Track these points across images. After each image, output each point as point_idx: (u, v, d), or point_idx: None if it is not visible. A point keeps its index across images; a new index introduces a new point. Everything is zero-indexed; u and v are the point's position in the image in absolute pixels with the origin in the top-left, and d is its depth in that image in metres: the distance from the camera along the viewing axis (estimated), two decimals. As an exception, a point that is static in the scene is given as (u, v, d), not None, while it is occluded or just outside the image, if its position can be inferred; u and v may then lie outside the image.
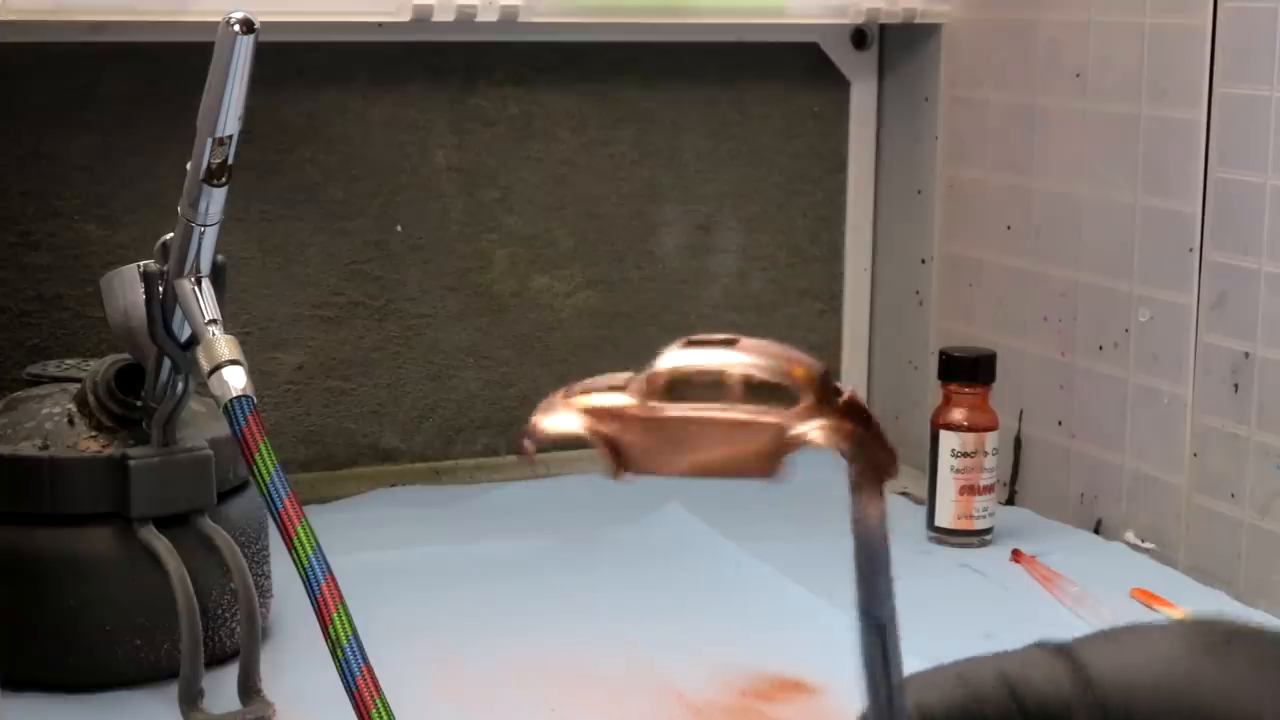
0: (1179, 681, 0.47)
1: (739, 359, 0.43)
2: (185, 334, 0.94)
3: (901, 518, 1.32)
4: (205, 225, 0.92)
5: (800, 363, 0.42)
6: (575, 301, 1.44)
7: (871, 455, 0.43)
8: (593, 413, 0.44)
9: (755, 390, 0.44)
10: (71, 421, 0.99)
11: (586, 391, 0.44)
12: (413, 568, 1.16)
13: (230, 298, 0.96)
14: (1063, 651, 0.49)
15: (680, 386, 0.44)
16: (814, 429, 0.42)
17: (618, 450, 0.44)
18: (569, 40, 1.40)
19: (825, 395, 0.42)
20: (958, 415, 1.24)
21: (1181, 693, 0.47)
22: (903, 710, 0.47)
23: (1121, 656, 0.48)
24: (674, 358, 0.43)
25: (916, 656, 1.13)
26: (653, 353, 0.47)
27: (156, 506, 0.97)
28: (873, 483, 0.44)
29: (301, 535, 0.82)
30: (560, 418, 0.44)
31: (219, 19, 0.87)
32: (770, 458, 0.43)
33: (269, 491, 0.84)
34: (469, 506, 1.32)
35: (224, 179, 0.90)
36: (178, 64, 1.24)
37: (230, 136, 0.89)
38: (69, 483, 0.97)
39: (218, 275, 0.94)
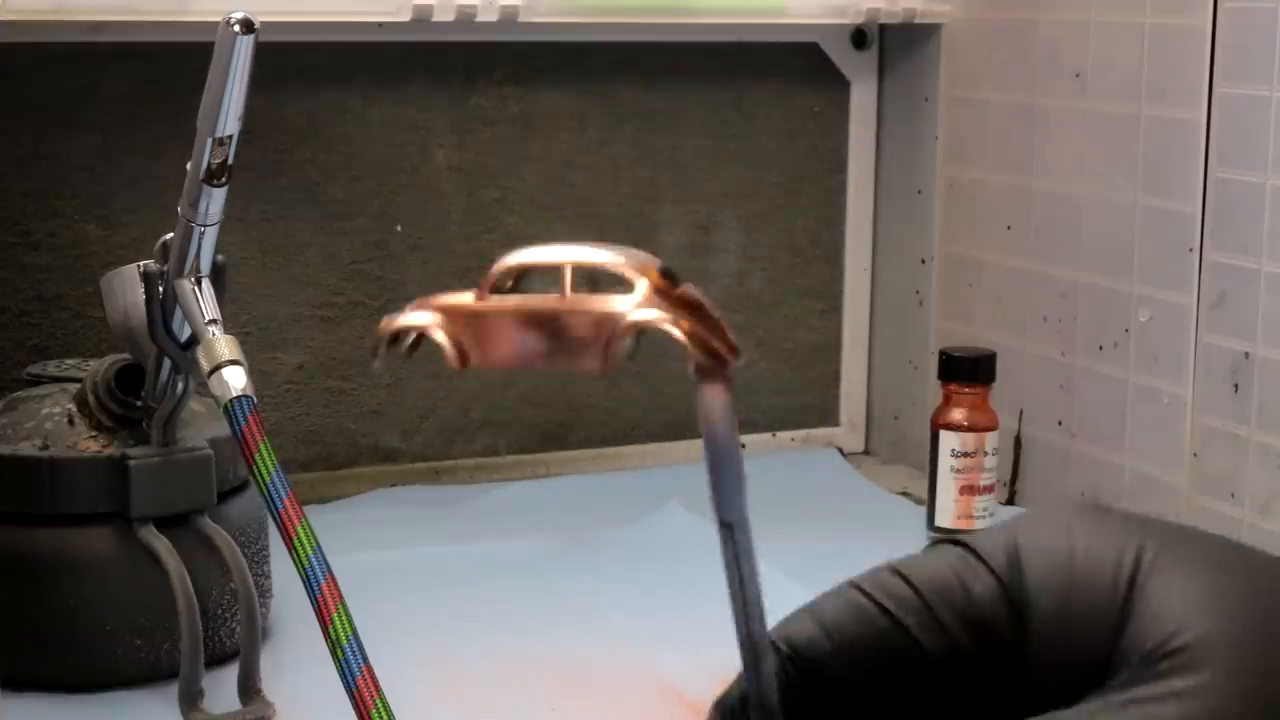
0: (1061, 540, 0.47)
1: (579, 252, 0.43)
2: (185, 334, 0.94)
3: (902, 518, 1.32)
4: (205, 225, 0.92)
5: (639, 256, 0.43)
6: (575, 301, 1.44)
7: (706, 343, 0.43)
8: (441, 310, 0.45)
9: (597, 286, 0.44)
10: (71, 421, 0.99)
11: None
12: (413, 568, 1.16)
13: (230, 298, 0.96)
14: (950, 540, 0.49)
15: (524, 282, 0.45)
16: (642, 313, 0.42)
17: (459, 346, 0.45)
18: (569, 40, 1.40)
19: (662, 287, 0.42)
20: (958, 415, 1.24)
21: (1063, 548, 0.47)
22: (761, 619, 0.47)
23: (1010, 535, 0.48)
24: (516, 255, 0.44)
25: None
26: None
27: (156, 506, 0.97)
28: (712, 373, 0.44)
29: (301, 535, 0.82)
30: (409, 316, 0.45)
31: (219, 19, 0.87)
32: (598, 346, 0.43)
33: (269, 491, 0.84)
34: (469, 506, 1.32)
35: (224, 179, 0.90)
36: (178, 64, 1.24)
37: (230, 136, 0.89)
38: (69, 483, 0.97)
39: (218, 275, 0.94)
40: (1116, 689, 0.44)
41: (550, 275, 0.44)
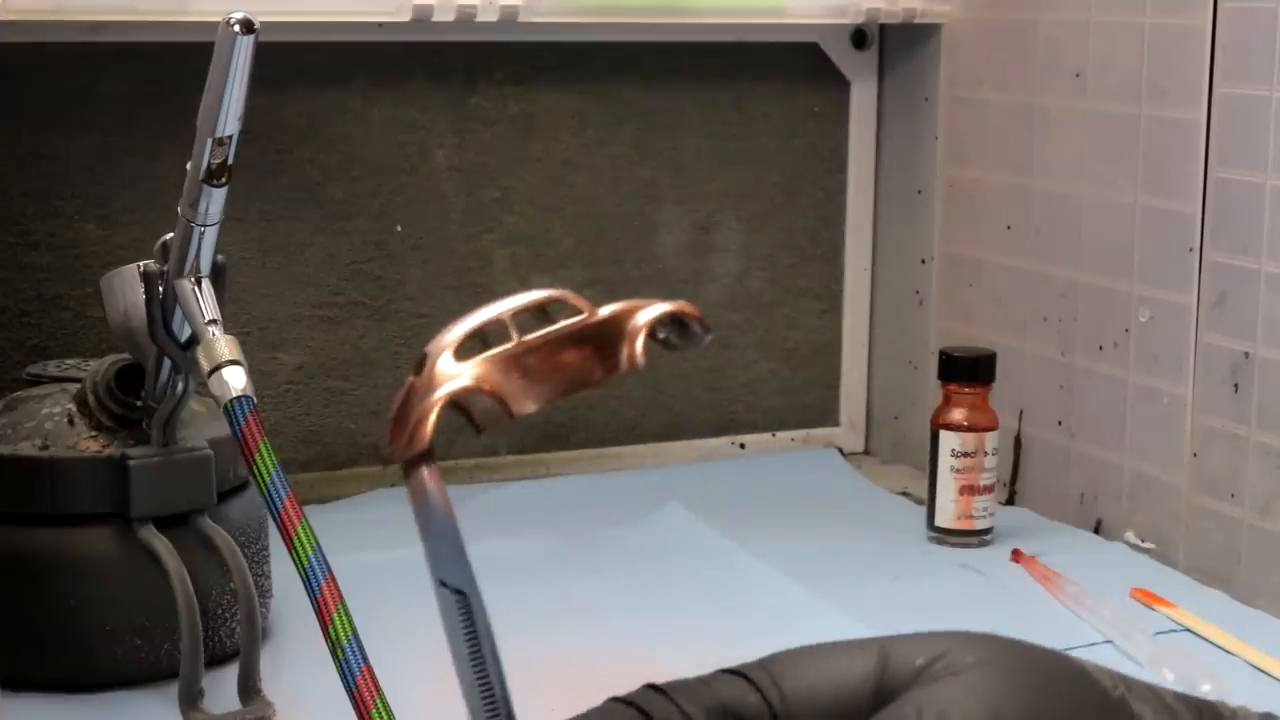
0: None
1: (505, 304, 0.45)
2: (185, 334, 0.94)
3: (902, 518, 1.32)
4: (205, 225, 0.92)
5: (546, 291, 0.44)
6: (575, 301, 1.44)
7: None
8: (476, 367, 0.45)
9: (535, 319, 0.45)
10: (71, 421, 0.99)
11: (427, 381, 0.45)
12: (413, 568, 1.15)
13: (230, 298, 0.96)
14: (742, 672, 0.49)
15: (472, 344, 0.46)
16: (660, 307, 0.44)
17: (501, 399, 0.45)
18: (569, 40, 1.40)
19: (587, 308, 0.44)
20: (958, 415, 1.24)
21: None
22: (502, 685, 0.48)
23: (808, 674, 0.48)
24: (451, 330, 0.45)
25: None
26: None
27: (156, 506, 0.97)
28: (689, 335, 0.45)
29: (301, 535, 0.82)
30: (445, 388, 0.46)
31: (219, 19, 0.87)
32: (615, 355, 0.44)
33: (269, 491, 0.84)
34: (469, 506, 1.32)
35: (224, 179, 0.90)
36: (178, 64, 1.24)
37: (230, 136, 0.89)
38: (69, 483, 0.97)
39: (218, 275, 0.94)
40: None
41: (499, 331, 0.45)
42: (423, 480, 0.44)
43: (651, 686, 0.48)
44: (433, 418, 0.44)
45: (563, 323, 0.45)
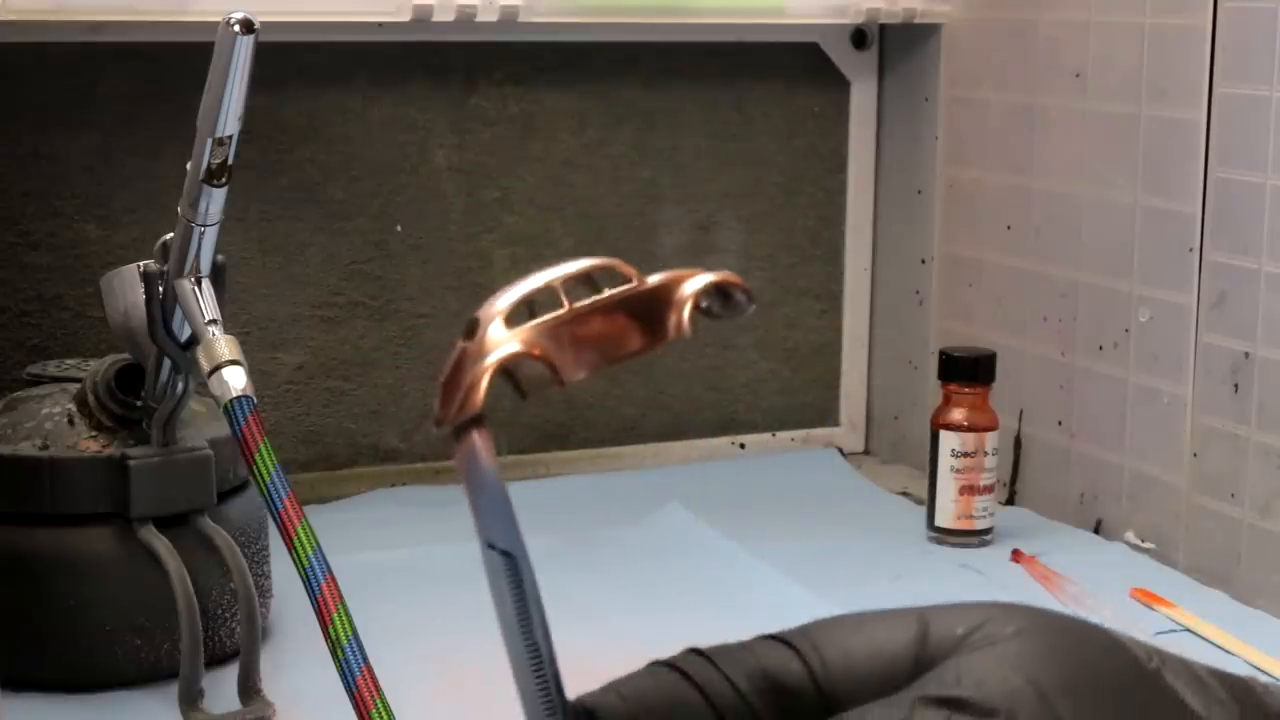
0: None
1: (554, 271, 0.45)
2: (185, 334, 0.94)
3: (902, 518, 1.32)
4: (205, 225, 0.92)
5: (595, 260, 0.45)
6: (575, 301, 1.44)
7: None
8: (522, 334, 0.46)
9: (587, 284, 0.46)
10: (71, 421, 0.99)
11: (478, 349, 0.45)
12: (413, 568, 1.16)
13: (230, 298, 0.96)
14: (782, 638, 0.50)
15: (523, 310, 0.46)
16: (706, 277, 0.45)
17: (551, 364, 0.45)
18: (569, 40, 1.40)
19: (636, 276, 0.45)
20: (958, 415, 1.24)
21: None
22: (551, 660, 0.48)
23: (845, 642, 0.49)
24: (502, 296, 0.45)
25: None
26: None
27: (156, 506, 0.97)
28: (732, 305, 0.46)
29: (301, 535, 0.82)
30: (496, 353, 0.46)
31: (219, 19, 0.87)
32: (663, 324, 0.45)
33: (269, 491, 0.84)
34: (469, 506, 1.32)
35: (224, 179, 0.90)
36: (178, 64, 1.24)
37: (230, 136, 0.89)
38: (69, 483, 0.97)
39: (218, 275, 0.94)
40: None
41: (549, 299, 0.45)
42: (473, 443, 0.45)
43: (694, 650, 0.49)
44: (485, 382, 0.44)
45: (611, 291, 0.45)
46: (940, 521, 1.24)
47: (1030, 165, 1.34)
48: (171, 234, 0.94)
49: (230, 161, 0.90)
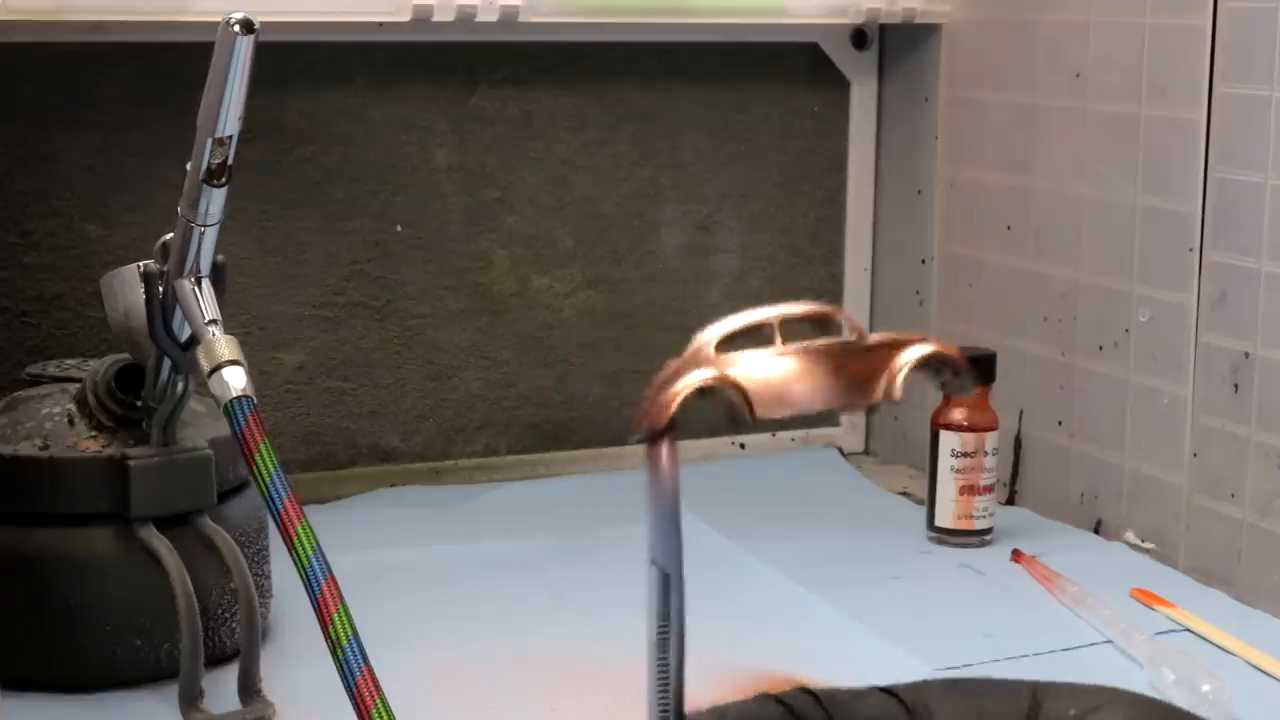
0: None
1: (774, 310, 0.46)
2: (185, 334, 0.94)
3: (902, 518, 1.32)
4: (205, 225, 0.92)
5: (819, 304, 0.45)
6: (575, 301, 1.44)
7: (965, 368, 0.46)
8: (727, 370, 0.46)
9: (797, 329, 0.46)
10: (71, 421, 0.99)
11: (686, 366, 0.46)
12: (413, 568, 1.16)
13: (230, 298, 0.96)
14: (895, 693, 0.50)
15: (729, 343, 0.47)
16: (925, 348, 0.45)
17: (746, 397, 0.46)
18: (569, 40, 1.40)
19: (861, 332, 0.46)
20: (958, 415, 1.24)
21: None
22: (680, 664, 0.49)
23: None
24: (721, 323, 0.46)
25: (917, 656, 1.13)
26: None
27: (156, 506, 0.97)
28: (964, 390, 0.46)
29: (301, 535, 0.82)
30: (693, 376, 0.47)
31: (219, 19, 0.87)
32: (871, 383, 0.45)
33: (269, 491, 0.84)
34: (469, 506, 1.32)
35: (224, 179, 0.90)
36: (178, 64, 1.24)
37: (230, 136, 0.89)
38: (69, 483, 0.97)
39: (218, 275, 0.94)
40: None
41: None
42: (660, 455, 0.46)
43: (805, 690, 0.49)
44: (678, 400, 0.46)
45: (825, 340, 0.46)
46: (940, 521, 1.24)
47: (1030, 165, 1.34)
48: (171, 234, 0.94)
49: (230, 161, 0.90)
